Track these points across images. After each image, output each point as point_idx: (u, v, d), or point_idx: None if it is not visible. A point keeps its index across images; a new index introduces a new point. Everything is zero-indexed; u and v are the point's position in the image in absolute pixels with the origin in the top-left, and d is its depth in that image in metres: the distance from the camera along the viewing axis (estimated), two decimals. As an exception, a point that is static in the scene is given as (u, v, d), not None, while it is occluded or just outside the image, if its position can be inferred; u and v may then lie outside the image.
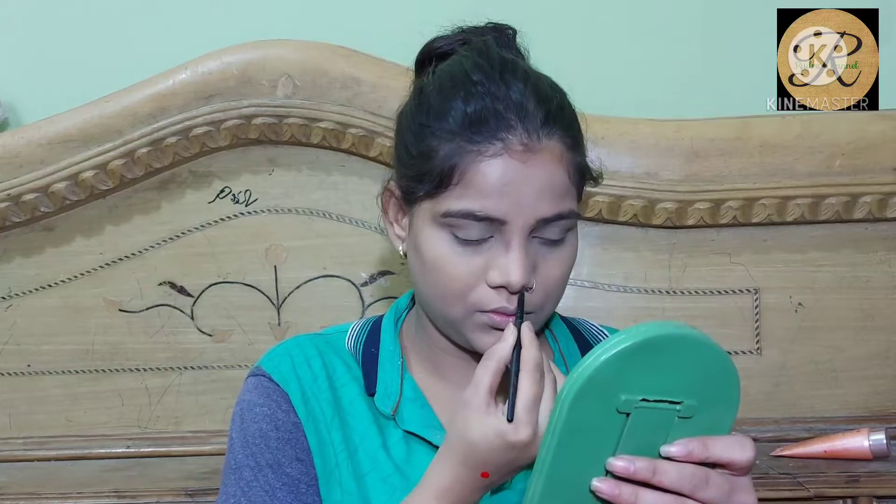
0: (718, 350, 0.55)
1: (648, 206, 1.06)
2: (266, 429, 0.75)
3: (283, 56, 1.05)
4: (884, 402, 1.11)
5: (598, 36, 1.17)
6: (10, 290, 1.13)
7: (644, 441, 0.56)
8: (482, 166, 0.66)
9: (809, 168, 1.04)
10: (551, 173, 0.68)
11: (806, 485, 1.05)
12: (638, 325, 0.54)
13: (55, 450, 1.15)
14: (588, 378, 0.53)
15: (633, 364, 0.54)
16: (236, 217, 1.12)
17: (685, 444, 0.56)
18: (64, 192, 1.07)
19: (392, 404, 0.76)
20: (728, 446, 0.57)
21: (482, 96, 0.68)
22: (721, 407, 0.57)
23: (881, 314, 1.10)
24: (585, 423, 0.55)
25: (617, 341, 0.53)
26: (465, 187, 0.67)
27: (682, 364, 0.55)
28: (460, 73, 0.70)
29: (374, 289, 1.13)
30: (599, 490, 0.56)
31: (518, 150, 0.66)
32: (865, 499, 1.05)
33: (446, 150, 0.68)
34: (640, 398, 0.55)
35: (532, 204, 0.67)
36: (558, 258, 0.71)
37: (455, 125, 0.68)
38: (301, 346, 0.81)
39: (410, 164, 0.71)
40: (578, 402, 0.54)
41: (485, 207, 0.67)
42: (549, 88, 0.71)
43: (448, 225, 0.68)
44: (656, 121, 1.06)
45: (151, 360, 1.14)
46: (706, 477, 0.57)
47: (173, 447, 1.14)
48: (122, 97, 1.06)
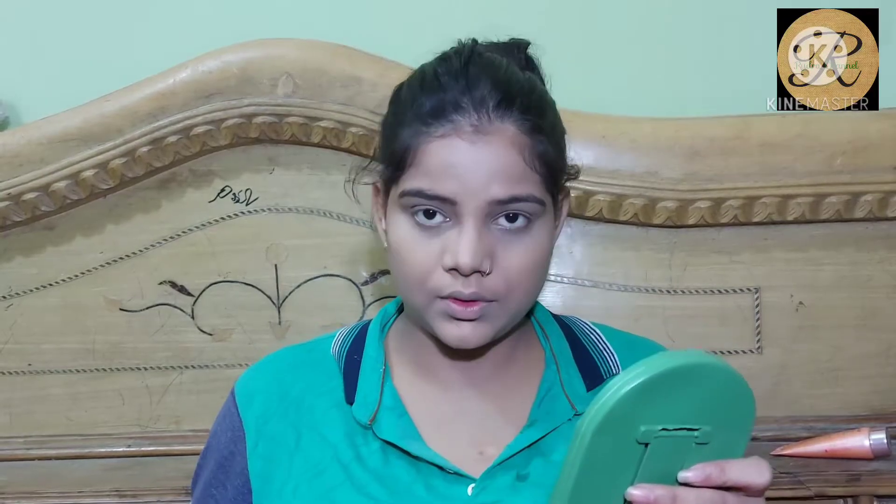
0: (736, 375, 0.56)
1: (649, 205, 1.06)
2: (212, 445, 0.81)
3: (284, 55, 1.05)
4: (885, 401, 1.11)
5: (598, 36, 1.17)
6: (10, 290, 1.13)
7: (662, 470, 0.56)
8: (431, 146, 0.68)
9: (810, 167, 1.04)
10: (502, 156, 0.68)
11: (807, 484, 1.05)
12: (656, 356, 0.54)
13: (56, 449, 1.14)
14: (608, 412, 0.53)
15: (652, 395, 0.54)
16: (237, 216, 1.12)
17: (702, 469, 0.56)
18: (64, 191, 1.07)
19: (370, 413, 0.75)
20: (745, 470, 0.57)
21: (442, 88, 0.69)
22: (736, 430, 0.57)
23: (882, 313, 1.10)
24: (606, 454, 0.55)
25: (636, 374, 0.53)
26: (416, 167, 0.69)
27: (700, 392, 0.55)
28: (428, 67, 0.73)
29: (375, 288, 1.13)
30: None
31: (467, 131, 0.67)
32: (866, 498, 1.05)
33: (404, 135, 0.70)
34: (660, 428, 0.55)
35: (482, 185, 0.67)
36: (521, 246, 0.70)
37: (416, 111, 0.70)
38: (277, 364, 0.82)
39: (382, 154, 0.74)
40: (598, 436, 0.54)
41: (434, 187, 0.68)
42: (517, 78, 0.71)
43: (407, 207, 0.70)
44: (656, 120, 1.06)
45: (152, 360, 1.14)
46: (724, 501, 0.57)
47: (174, 446, 1.14)
48: (122, 96, 1.06)
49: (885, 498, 1.06)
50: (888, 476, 1.06)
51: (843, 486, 1.05)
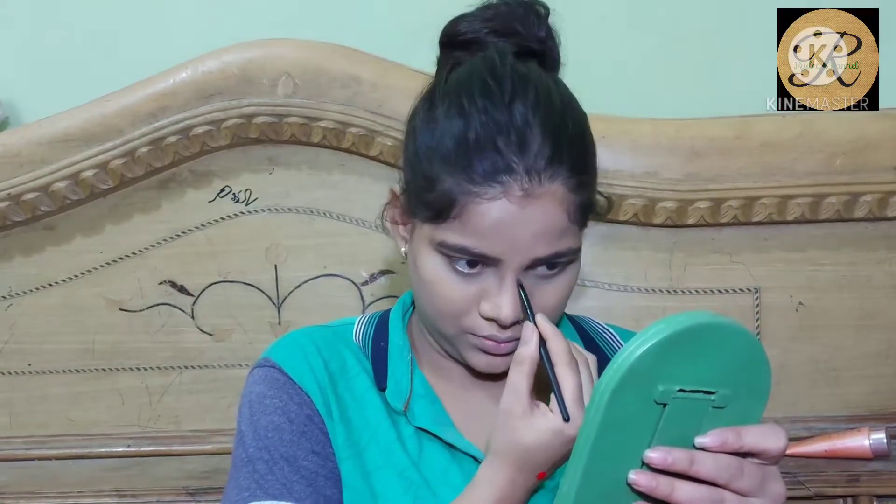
0: (753, 339, 0.56)
1: (649, 206, 1.06)
2: (279, 421, 0.74)
3: (284, 55, 1.05)
4: (884, 402, 1.11)
5: (598, 35, 1.17)
6: (10, 290, 1.13)
7: (678, 433, 0.56)
8: (480, 208, 0.65)
9: (810, 167, 1.04)
10: (551, 216, 0.66)
11: (806, 484, 1.05)
12: (675, 315, 0.54)
13: (55, 449, 1.14)
14: (628, 369, 0.53)
15: (671, 354, 0.54)
16: (237, 216, 1.12)
17: (720, 434, 0.56)
18: (64, 191, 1.07)
19: (403, 400, 0.75)
20: (762, 435, 0.57)
21: (484, 125, 0.66)
22: (753, 397, 0.57)
23: (882, 313, 1.10)
24: (624, 414, 0.55)
25: (656, 331, 0.53)
26: (462, 224, 0.66)
27: (717, 354, 0.55)
28: (467, 94, 0.68)
29: (375, 288, 1.13)
30: (636, 483, 0.56)
31: (517, 195, 0.65)
32: (866, 498, 1.06)
33: (447, 184, 0.66)
34: (678, 388, 0.55)
35: (528, 246, 0.67)
36: (555, 287, 0.71)
37: (456, 155, 0.66)
38: (311, 337, 0.79)
39: (414, 186, 0.70)
40: (618, 393, 0.54)
41: (480, 246, 0.66)
42: (559, 115, 0.68)
43: (444, 254, 0.68)
44: (656, 120, 1.06)
45: (152, 360, 1.14)
46: (741, 467, 0.57)
47: (174, 446, 1.14)
48: (122, 96, 1.06)
49: (885, 498, 1.07)
50: (888, 476, 1.06)
51: (842, 486, 1.06)
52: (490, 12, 0.74)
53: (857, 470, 1.05)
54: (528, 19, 0.74)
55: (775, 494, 0.59)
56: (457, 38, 0.75)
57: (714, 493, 0.56)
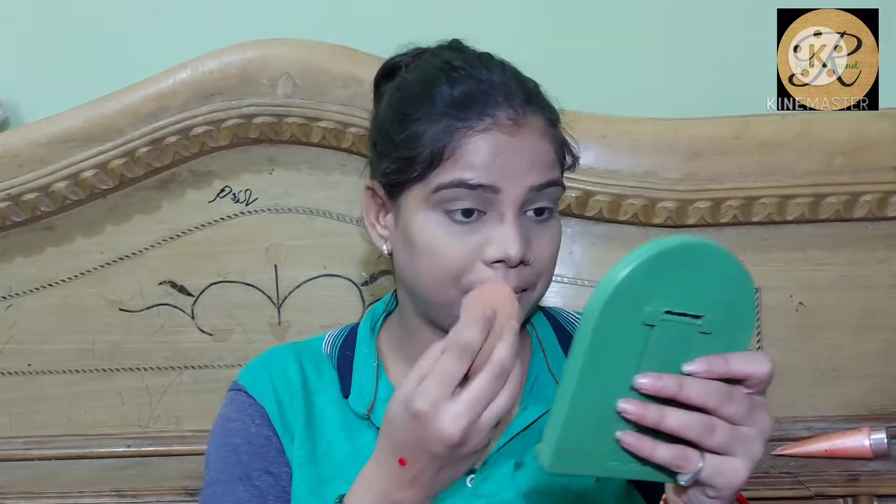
0: (740, 266, 0.55)
1: (649, 206, 1.06)
2: (238, 442, 0.77)
3: (284, 55, 1.05)
4: (884, 401, 1.11)
5: (598, 35, 1.16)
6: (10, 290, 1.13)
7: (665, 359, 0.56)
8: (473, 140, 0.69)
9: (809, 167, 1.04)
10: (538, 144, 0.71)
11: (807, 484, 1.05)
12: (661, 238, 0.53)
13: (55, 449, 1.14)
14: (616, 287, 0.52)
15: (658, 274, 0.53)
16: (236, 216, 1.12)
17: (706, 360, 0.56)
18: (64, 191, 1.07)
19: (367, 404, 0.77)
20: (748, 360, 0.57)
21: (466, 79, 0.71)
22: (739, 324, 0.57)
23: (882, 313, 1.10)
24: (612, 336, 0.54)
25: (642, 251, 0.53)
26: (455, 161, 0.69)
27: (705, 276, 0.54)
28: (440, 63, 0.73)
29: (375, 288, 1.13)
30: (625, 410, 0.55)
31: (507, 124, 0.69)
32: (866, 498, 1.05)
33: (435, 131, 0.69)
34: (665, 310, 0.54)
35: (523, 173, 0.69)
36: (548, 235, 0.72)
37: (442, 107, 0.70)
38: (279, 358, 0.82)
39: (396, 154, 0.72)
40: (606, 313, 0.53)
41: (477, 176, 0.68)
42: (524, 75, 0.75)
43: (441, 201, 0.69)
44: (656, 120, 1.06)
45: (152, 360, 1.14)
46: (730, 393, 0.56)
47: (174, 446, 1.14)
48: (122, 96, 1.06)
49: (885, 497, 1.06)
50: (888, 476, 1.06)
51: (842, 485, 1.05)
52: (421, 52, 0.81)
53: (857, 469, 1.05)
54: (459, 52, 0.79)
55: (763, 424, 0.58)
56: (394, 66, 0.81)
57: (704, 419, 0.56)
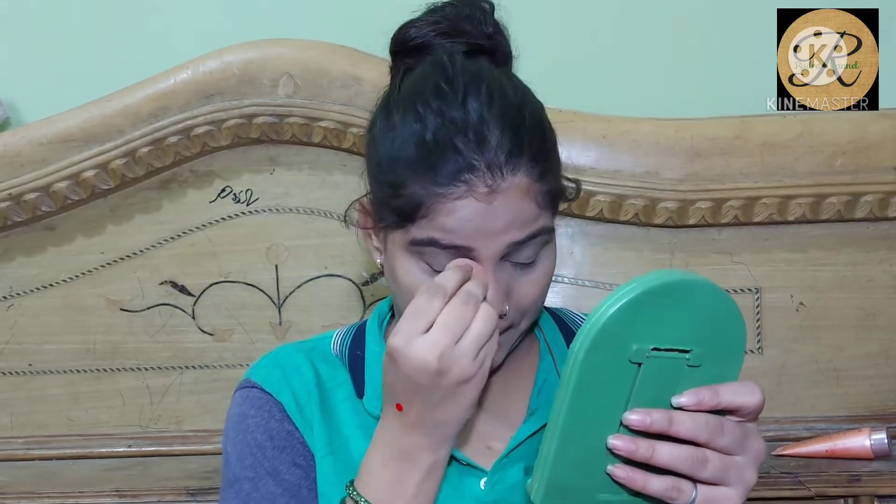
0: (726, 297, 0.55)
1: (649, 206, 1.06)
2: (261, 439, 0.75)
3: (284, 55, 1.05)
4: (885, 402, 1.11)
5: (598, 35, 1.17)
6: (11, 290, 1.13)
7: (654, 394, 0.55)
8: (447, 206, 0.65)
9: (810, 167, 1.04)
10: (518, 206, 0.66)
11: (807, 484, 1.05)
12: (647, 274, 0.53)
13: (56, 449, 1.15)
14: (601, 327, 0.53)
15: (644, 312, 0.53)
16: (237, 216, 1.12)
17: (696, 393, 0.55)
18: (65, 191, 1.07)
19: (381, 405, 0.76)
20: (737, 391, 0.56)
21: (441, 126, 0.66)
22: (728, 355, 0.57)
23: (882, 313, 1.10)
24: (598, 375, 0.54)
25: (628, 290, 0.52)
26: (430, 220, 0.66)
27: (691, 311, 0.54)
28: (420, 99, 0.68)
29: (376, 288, 1.13)
30: (616, 447, 0.55)
31: (482, 191, 0.64)
32: (867, 498, 1.05)
33: (412, 188, 0.66)
34: (652, 347, 0.54)
35: (500, 232, 0.66)
36: (533, 280, 0.70)
37: (417, 159, 0.66)
38: (289, 355, 0.81)
39: (380, 195, 0.70)
40: (592, 352, 0.53)
41: (449, 238, 0.66)
42: (515, 107, 0.68)
43: (417, 253, 0.68)
44: (657, 120, 1.06)
45: (152, 360, 1.14)
46: (720, 424, 0.56)
47: (174, 446, 1.14)
48: (123, 96, 1.06)
49: (886, 498, 1.06)
50: (888, 476, 1.05)
51: (843, 486, 1.05)
52: (436, 15, 0.74)
53: (858, 470, 1.05)
54: (474, 17, 0.73)
55: (756, 451, 0.58)
56: (406, 44, 0.75)
57: (696, 452, 0.55)
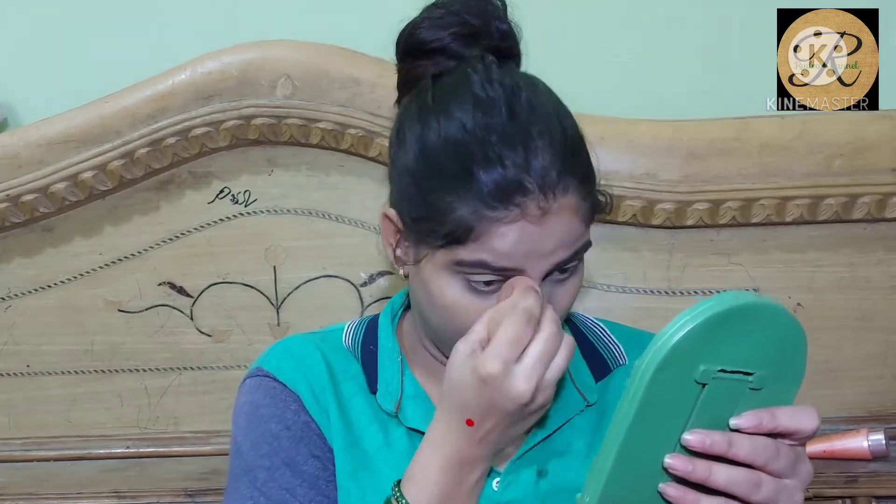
0: (794, 321, 0.55)
1: (647, 207, 1.06)
2: (276, 429, 0.74)
3: (283, 56, 1.05)
4: (883, 403, 1.11)
5: (597, 35, 1.16)
6: (9, 291, 1.13)
7: (714, 414, 0.56)
8: (500, 230, 0.64)
9: (808, 168, 1.04)
10: (568, 225, 0.66)
11: (805, 485, 1.05)
12: (719, 295, 0.53)
13: (54, 450, 1.15)
14: (673, 347, 0.53)
15: (715, 334, 0.53)
16: (236, 217, 1.12)
17: (755, 415, 0.56)
18: (63, 192, 1.07)
19: (394, 401, 0.75)
20: (795, 416, 0.57)
21: (488, 145, 0.65)
22: (789, 378, 0.57)
23: (880, 314, 1.10)
24: (663, 394, 0.54)
25: (703, 310, 0.53)
26: (480, 244, 0.65)
27: (759, 335, 0.54)
28: (462, 115, 0.66)
29: (374, 289, 1.13)
30: (672, 467, 0.56)
31: (535, 214, 0.64)
32: (864, 499, 1.06)
33: (461, 212, 0.65)
34: (718, 369, 0.54)
35: (549, 254, 0.66)
36: (567, 289, 0.70)
37: (465, 182, 0.65)
38: (302, 344, 0.80)
39: (420, 217, 0.68)
40: (660, 372, 0.53)
41: (500, 261, 0.65)
42: (556, 121, 0.67)
43: (462, 273, 0.67)
44: (655, 121, 1.06)
45: (151, 361, 1.14)
46: (777, 448, 0.56)
47: (173, 447, 1.14)
48: (121, 98, 1.06)
49: (884, 499, 1.07)
50: (886, 477, 1.06)
51: (841, 487, 1.06)
52: (441, 10, 0.73)
53: (855, 471, 1.05)
54: (485, 14, 0.73)
55: (805, 475, 0.59)
56: (421, 48, 0.74)
57: (751, 475, 0.56)
